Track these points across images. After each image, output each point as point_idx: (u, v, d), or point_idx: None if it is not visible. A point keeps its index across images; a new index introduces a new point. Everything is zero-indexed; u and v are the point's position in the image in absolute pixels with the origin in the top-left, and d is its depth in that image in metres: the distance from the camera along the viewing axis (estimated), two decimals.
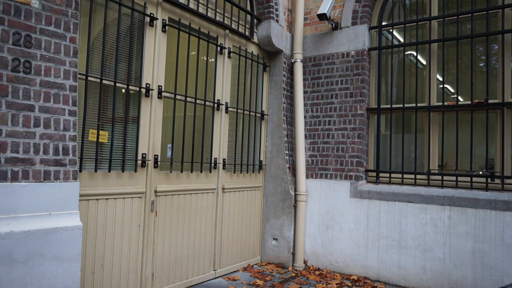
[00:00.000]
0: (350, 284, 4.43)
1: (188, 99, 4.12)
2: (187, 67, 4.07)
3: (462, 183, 4.30)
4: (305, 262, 5.07)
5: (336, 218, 4.92)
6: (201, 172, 4.28)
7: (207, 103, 4.38)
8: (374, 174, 4.91)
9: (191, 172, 4.17)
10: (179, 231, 4.04)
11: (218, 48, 4.53)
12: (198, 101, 4.25)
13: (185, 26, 4.08)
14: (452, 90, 4.66)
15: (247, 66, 4.97)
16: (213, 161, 4.47)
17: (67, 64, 2.81)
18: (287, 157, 5.14)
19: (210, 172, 4.45)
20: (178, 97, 4.00)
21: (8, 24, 2.52)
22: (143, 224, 3.66)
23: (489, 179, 4.11)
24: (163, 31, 3.84)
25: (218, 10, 4.53)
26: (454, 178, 4.33)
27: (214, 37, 4.51)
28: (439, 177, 4.43)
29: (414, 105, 4.69)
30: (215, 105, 4.49)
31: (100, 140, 3.29)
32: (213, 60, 4.53)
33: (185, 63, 4.07)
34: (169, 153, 3.95)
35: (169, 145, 3.95)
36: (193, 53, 4.24)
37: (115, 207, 3.41)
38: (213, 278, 4.46)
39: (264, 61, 5.29)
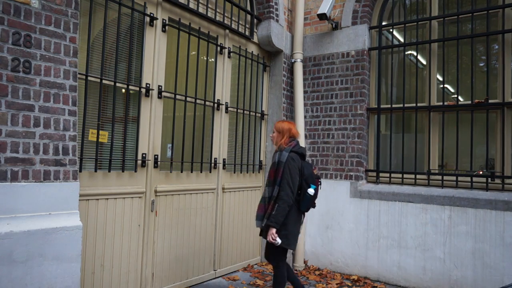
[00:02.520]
0: (350, 284, 4.43)
1: (188, 99, 4.12)
2: (187, 67, 4.07)
3: (462, 183, 4.29)
4: (305, 262, 5.07)
5: (336, 218, 4.92)
6: (201, 172, 4.28)
7: (207, 103, 4.37)
8: (374, 174, 4.90)
9: (191, 172, 4.17)
10: (179, 231, 4.03)
11: (218, 48, 4.53)
12: (198, 101, 4.24)
13: (185, 26, 4.08)
14: (452, 90, 4.66)
15: (247, 66, 4.97)
16: (213, 161, 4.47)
17: (67, 64, 2.81)
18: None
19: (210, 172, 4.45)
20: (178, 97, 4.00)
21: (8, 24, 2.52)
22: (143, 224, 3.66)
23: (489, 179, 4.11)
24: (163, 31, 3.84)
25: (218, 10, 4.53)
26: (454, 178, 4.33)
27: (214, 37, 4.50)
28: (439, 177, 4.43)
29: (414, 105, 4.68)
30: (215, 105, 4.49)
31: (100, 140, 3.29)
32: (213, 60, 4.53)
33: (185, 63, 4.07)
34: (169, 153, 3.95)
35: (169, 145, 3.95)
36: (193, 53, 4.23)
37: (115, 207, 3.41)
38: (213, 278, 4.46)
39: (264, 61, 5.29)
